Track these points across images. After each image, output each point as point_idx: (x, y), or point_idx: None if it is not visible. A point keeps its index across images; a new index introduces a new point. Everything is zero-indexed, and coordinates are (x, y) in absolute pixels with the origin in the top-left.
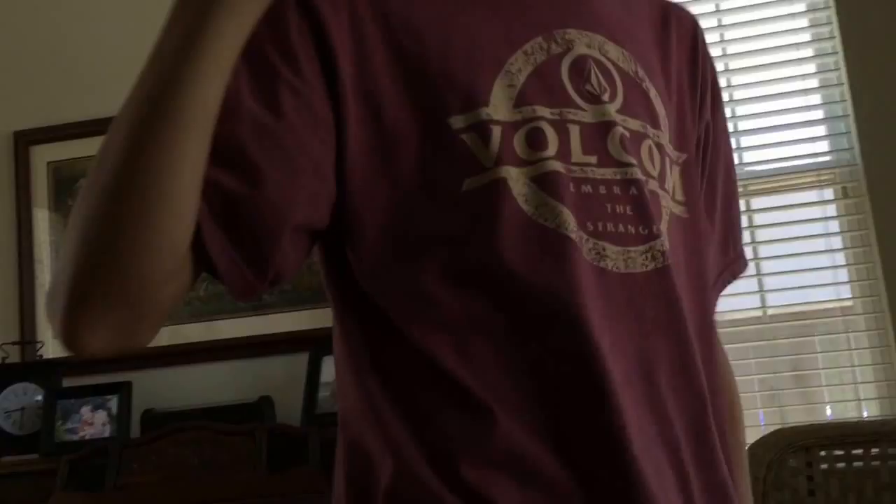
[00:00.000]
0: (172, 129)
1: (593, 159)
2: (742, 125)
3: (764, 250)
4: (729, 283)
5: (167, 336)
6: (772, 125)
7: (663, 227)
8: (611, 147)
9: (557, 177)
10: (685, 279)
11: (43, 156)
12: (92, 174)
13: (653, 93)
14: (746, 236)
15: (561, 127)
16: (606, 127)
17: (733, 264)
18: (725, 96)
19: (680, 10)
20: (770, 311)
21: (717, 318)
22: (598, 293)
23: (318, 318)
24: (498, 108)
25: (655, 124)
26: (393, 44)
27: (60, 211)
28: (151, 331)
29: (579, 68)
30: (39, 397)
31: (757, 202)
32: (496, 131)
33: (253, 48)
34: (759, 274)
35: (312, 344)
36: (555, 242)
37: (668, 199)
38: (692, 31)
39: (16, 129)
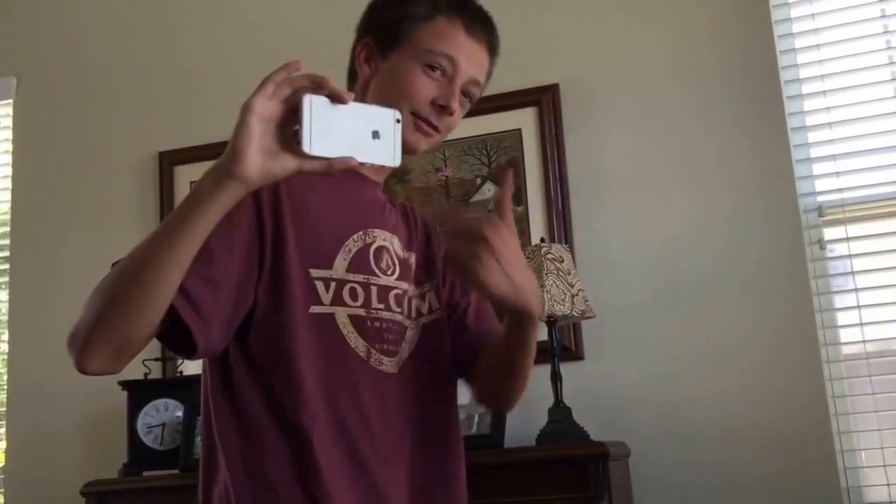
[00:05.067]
0: (167, 260)
1: (382, 307)
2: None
3: None
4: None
5: None
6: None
7: (404, 347)
8: (390, 300)
9: (360, 319)
10: (431, 363)
11: (186, 175)
12: (118, 270)
13: (414, 263)
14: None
15: (365, 286)
16: (388, 289)
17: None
18: (825, 117)
19: (419, 218)
20: None
21: None
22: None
23: None
24: (337, 270)
25: (411, 281)
26: (293, 216)
27: None
28: (126, 363)
29: (378, 253)
30: (180, 413)
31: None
32: (333, 285)
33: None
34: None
35: None
36: (350, 353)
37: (424, 317)
38: (425, 225)
39: (161, 149)
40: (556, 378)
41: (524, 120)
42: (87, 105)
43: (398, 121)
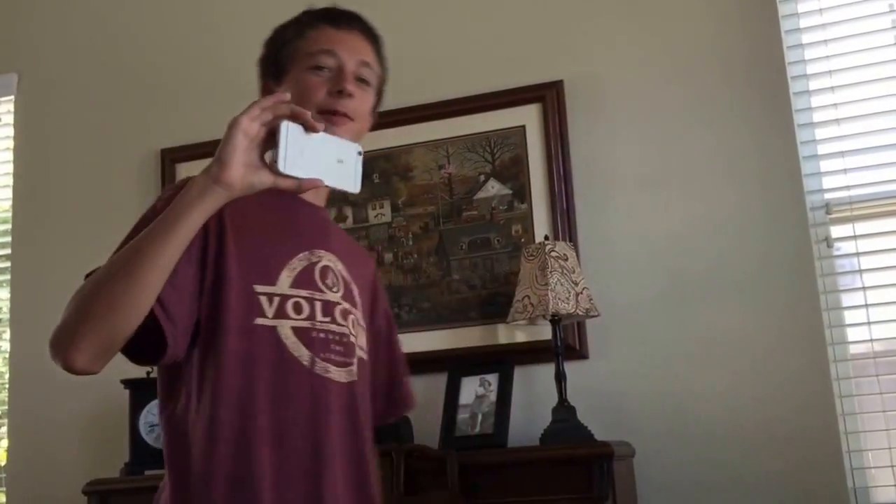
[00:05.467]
0: (161, 256)
1: (328, 319)
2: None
3: None
4: (393, 416)
5: None
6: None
7: (355, 360)
8: (336, 314)
9: (304, 330)
10: (363, 389)
11: (187, 172)
12: (107, 270)
13: (354, 289)
14: None
15: (310, 301)
16: (333, 304)
17: (401, 402)
18: (832, 114)
19: (366, 256)
20: None
21: None
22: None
23: (459, 337)
24: (282, 286)
25: (356, 306)
26: (235, 235)
27: None
28: (105, 363)
29: (324, 272)
30: None
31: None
32: (276, 299)
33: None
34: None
35: (451, 364)
36: (293, 362)
37: (358, 348)
38: (373, 267)
39: (162, 146)
40: (560, 377)
41: (528, 117)
42: (89, 102)
43: (360, 153)
